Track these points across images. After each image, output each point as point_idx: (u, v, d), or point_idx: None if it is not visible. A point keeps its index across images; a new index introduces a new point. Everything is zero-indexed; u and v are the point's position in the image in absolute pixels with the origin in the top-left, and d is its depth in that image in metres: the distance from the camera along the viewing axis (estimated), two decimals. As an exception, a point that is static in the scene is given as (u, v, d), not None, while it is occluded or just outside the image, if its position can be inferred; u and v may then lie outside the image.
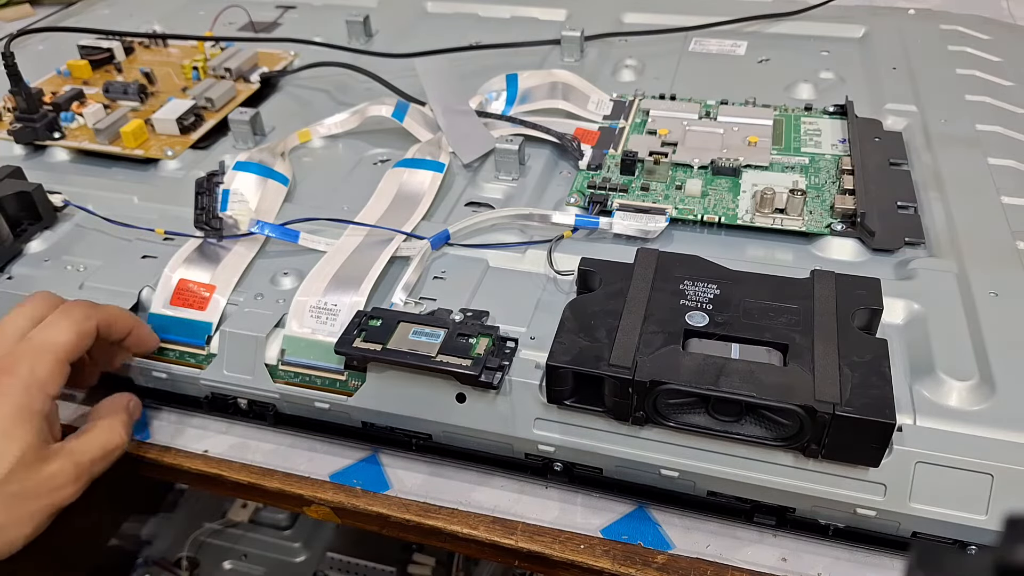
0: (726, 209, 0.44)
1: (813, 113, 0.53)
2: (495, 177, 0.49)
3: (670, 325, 0.34)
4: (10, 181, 0.46)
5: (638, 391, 0.32)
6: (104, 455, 0.37)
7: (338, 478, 0.39)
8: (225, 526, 0.79)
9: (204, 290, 0.41)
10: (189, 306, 0.41)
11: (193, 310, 0.41)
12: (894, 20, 0.64)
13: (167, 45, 0.66)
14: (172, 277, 0.41)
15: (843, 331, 0.33)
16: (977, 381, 0.34)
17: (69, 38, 0.64)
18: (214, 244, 0.43)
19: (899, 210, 0.44)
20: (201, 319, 0.40)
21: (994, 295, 0.38)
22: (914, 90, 0.54)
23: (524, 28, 0.67)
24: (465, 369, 0.34)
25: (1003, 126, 0.51)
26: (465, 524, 0.37)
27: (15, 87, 0.54)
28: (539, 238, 0.43)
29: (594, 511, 0.37)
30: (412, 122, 0.53)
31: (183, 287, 0.41)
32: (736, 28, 0.65)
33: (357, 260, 0.41)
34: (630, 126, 0.52)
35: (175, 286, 0.41)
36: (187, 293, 0.41)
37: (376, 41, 0.67)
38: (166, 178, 0.52)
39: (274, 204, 0.47)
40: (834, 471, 0.33)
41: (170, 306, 0.41)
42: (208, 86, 0.58)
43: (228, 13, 0.71)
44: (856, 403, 0.30)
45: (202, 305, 0.41)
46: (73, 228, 0.47)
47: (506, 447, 0.37)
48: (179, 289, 0.41)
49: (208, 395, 0.41)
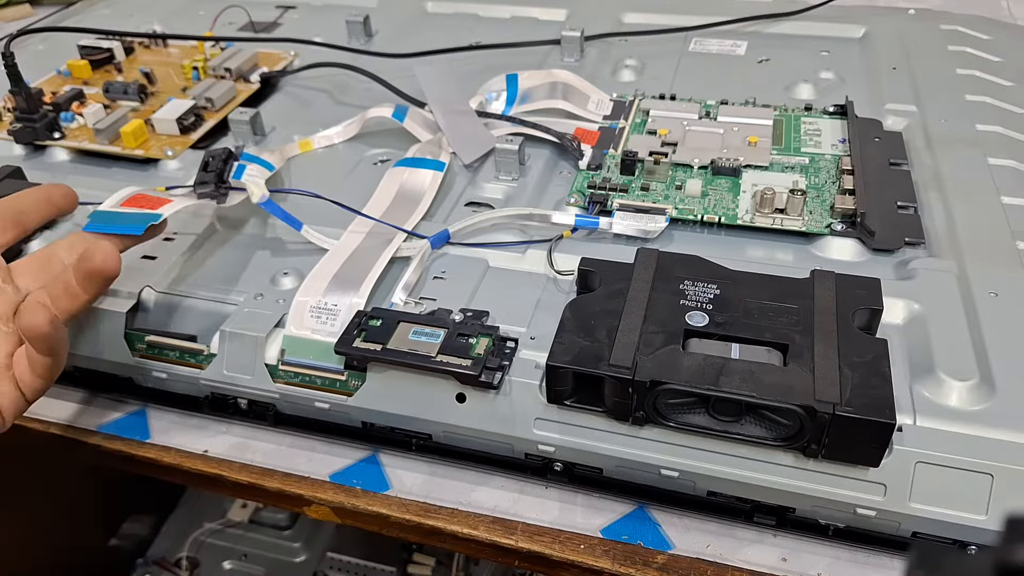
0: (726, 209, 0.44)
1: (813, 113, 0.53)
2: (495, 177, 0.49)
3: (670, 325, 0.34)
4: (10, 181, 0.46)
5: (638, 391, 0.32)
6: None
7: (338, 478, 0.39)
8: (225, 526, 0.80)
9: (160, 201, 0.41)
10: (140, 207, 0.40)
11: (144, 210, 0.40)
12: (894, 20, 0.64)
13: (167, 45, 0.66)
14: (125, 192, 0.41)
15: (843, 331, 0.33)
16: (977, 381, 0.34)
17: (69, 38, 0.64)
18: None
19: (899, 210, 0.44)
20: (150, 212, 0.40)
21: (994, 295, 0.38)
22: (914, 90, 0.54)
23: (524, 28, 0.67)
24: (465, 369, 0.34)
25: (1003, 126, 0.51)
26: (465, 524, 0.37)
27: (15, 87, 0.53)
28: (539, 238, 0.43)
29: (594, 511, 0.37)
30: (412, 123, 0.53)
31: (138, 198, 0.41)
32: (736, 28, 0.65)
33: (357, 260, 0.41)
34: (630, 126, 0.52)
35: (129, 197, 0.41)
36: (140, 201, 0.40)
37: (376, 41, 0.67)
38: (166, 178, 0.52)
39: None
40: (834, 471, 0.33)
41: (120, 206, 0.40)
42: (208, 86, 0.58)
43: (228, 13, 0.71)
44: (856, 403, 0.30)
45: (154, 206, 0.40)
46: (73, 227, 0.47)
47: (506, 447, 0.37)
48: (132, 199, 0.41)
49: (208, 395, 0.41)
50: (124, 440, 0.42)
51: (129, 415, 0.43)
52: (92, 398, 0.44)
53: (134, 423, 0.43)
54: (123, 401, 0.44)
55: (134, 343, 0.41)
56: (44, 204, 0.40)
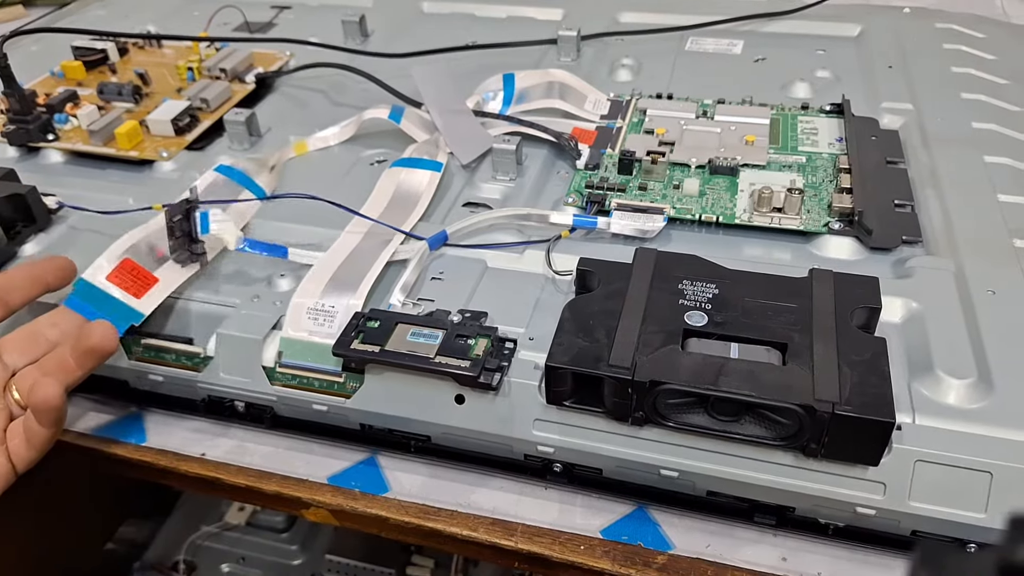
0: (724, 208, 0.44)
1: (810, 112, 0.53)
2: (493, 177, 0.49)
3: (669, 325, 0.34)
4: (3, 183, 0.46)
5: (637, 391, 0.32)
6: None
7: (336, 480, 0.39)
8: (222, 529, 0.79)
9: (147, 280, 0.39)
10: (125, 288, 0.39)
11: (128, 296, 0.39)
12: (890, 19, 0.64)
13: (161, 46, 0.66)
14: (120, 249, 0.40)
15: (842, 330, 0.33)
16: (975, 379, 0.34)
17: (63, 39, 0.63)
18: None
19: (896, 208, 0.44)
20: (132, 306, 0.39)
21: (991, 293, 0.38)
22: (910, 88, 0.54)
23: (520, 28, 0.67)
24: (464, 370, 0.34)
25: (999, 124, 0.51)
26: (464, 526, 0.37)
27: (8, 88, 0.53)
28: (537, 238, 0.43)
29: (594, 512, 0.37)
30: (409, 124, 0.52)
31: (127, 266, 0.39)
32: (732, 27, 0.65)
33: (354, 262, 0.41)
34: (627, 125, 0.52)
35: (119, 263, 0.40)
36: (128, 274, 0.39)
37: (372, 41, 0.67)
38: (161, 179, 0.52)
39: (242, 217, 0.46)
40: (834, 470, 0.32)
41: (105, 280, 0.39)
42: (203, 87, 0.58)
43: (223, 14, 0.71)
44: (855, 402, 0.30)
45: (143, 282, 0.39)
46: (67, 230, 0.47)
47: (505, 448, 0.37)
48: (121, 267, 0.39)
49: (205, 398, 0.41)
50: (120, 443, 0.42)
51: (125, 418, 0.43)
52: (88, 401, 0.44)
53: (130, 426, 0.43)
54: (119, 404, 0.44)
55: (130, 346, 0.41)
56: (32, 283, 0.39)
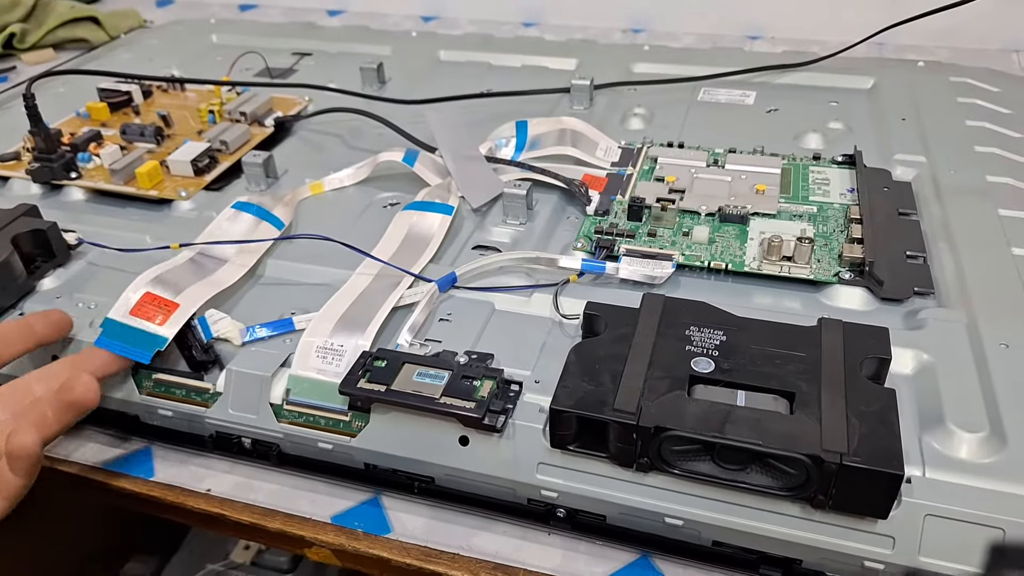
0: (733, 256, 0.44)
1: (822, 162, 0.53)
2: (503, 221, 0.49)
3: (675, 371, 0.34)
4: (25, 219, 0.47)
5: (642, 437, 0.32)
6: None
7: (340, 520, 0.39)
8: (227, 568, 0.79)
9: (168, 306, 0.40)
10: (148, 318, 0.40)
11: (152, 325, 0.40)
12: (903, 72, 0.65)
13: (184, 89, 0.68)
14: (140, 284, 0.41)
15: (851, 380, 0.33)
16: (988, 433, 0.34)
17: (89, 81, 0.65)
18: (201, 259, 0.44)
19: (908, 260, 0.43)
20: (156, 333, 0.40)
21: (1005, 346, 0.38)
22: (923, 141, 0.55)
23: (535, 77, 0.68)
24: (468, 411, 0.34)
25: (1013, 177, 0.51)
26: (466, 570, 0.36)
27: (34, 127, 0.55)
28: (545, 282, 0.43)
29: (597, 559, 0.37)
30: (422, 167, 0.53)
31: (148, 299, 0.40)
32: (745, 79, 0.66)
33: (364, 302, 0.42)
34: (638, 173, 0.53)
35: (140, 297, 0.41)
36: (149, 305, 0.40)
37: (389, 88, 0.69)
38: (179, 218, 0.52)
39: (253, 255, 0.47)
40: (842, 523, 0.32)
41: (129, 315, 0.40)
42: (223, 129, 0.59)
43: (245, 59, 0.72)
44: (863, 453, 0.30)
45: (162, 320, 0.40)
46: (86, 266, 0.48)
47: (509, 492, 0.37)
48: (142, 301, 0.40)
49: (213, 434, 0.41)
50: (128, 477, 0.42)
51: (134, 453, 0.43)
52: (98, 435, 0.44)
53: (139, 461, 0.43)
54: (129, 439, 0.44)
55: (141, 381, 0.41)
56: (24, 337, 0.40)
